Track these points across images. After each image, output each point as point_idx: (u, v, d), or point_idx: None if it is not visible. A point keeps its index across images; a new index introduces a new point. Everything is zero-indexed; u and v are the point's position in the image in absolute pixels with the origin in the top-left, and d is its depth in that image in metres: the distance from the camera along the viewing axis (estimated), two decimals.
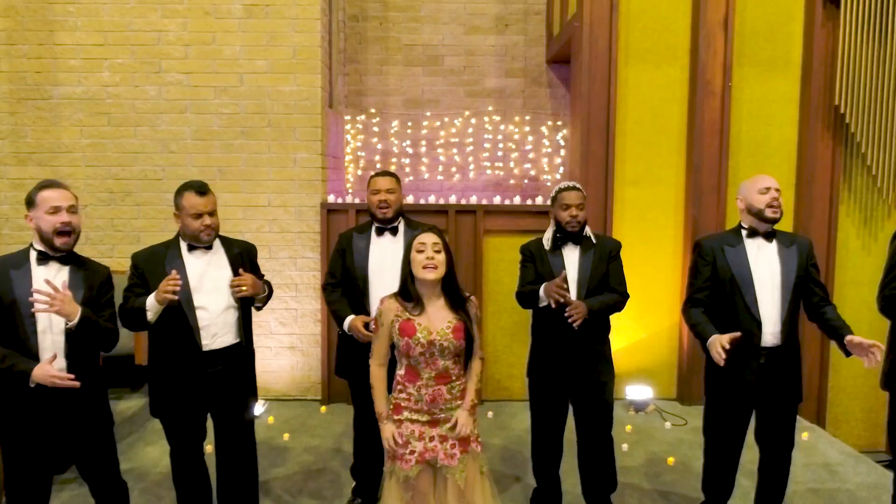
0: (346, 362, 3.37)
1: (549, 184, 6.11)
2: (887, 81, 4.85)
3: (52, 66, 5.01)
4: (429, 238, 2.52)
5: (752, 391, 2.89)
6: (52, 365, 2.40)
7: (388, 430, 2.54)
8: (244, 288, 2.77)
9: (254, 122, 5.09)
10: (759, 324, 2.84)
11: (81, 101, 5.03)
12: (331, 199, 5.24)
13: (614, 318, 3.30)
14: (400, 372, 2.56)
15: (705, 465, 3.13)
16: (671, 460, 4.05)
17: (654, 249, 5.13)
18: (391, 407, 2.59)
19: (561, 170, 6.11)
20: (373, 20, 6.16)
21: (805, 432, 4.57)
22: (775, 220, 2.89)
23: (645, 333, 5.14)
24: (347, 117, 6.08)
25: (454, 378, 2.54)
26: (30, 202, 2.59)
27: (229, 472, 3.01)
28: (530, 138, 6.15)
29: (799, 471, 3.97)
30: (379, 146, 6.15)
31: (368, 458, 3.45)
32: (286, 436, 4.38)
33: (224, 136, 5.09)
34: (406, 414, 2.52)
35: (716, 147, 5.01)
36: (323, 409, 5.03)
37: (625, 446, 4.25)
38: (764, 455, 3.03)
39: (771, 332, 2.86)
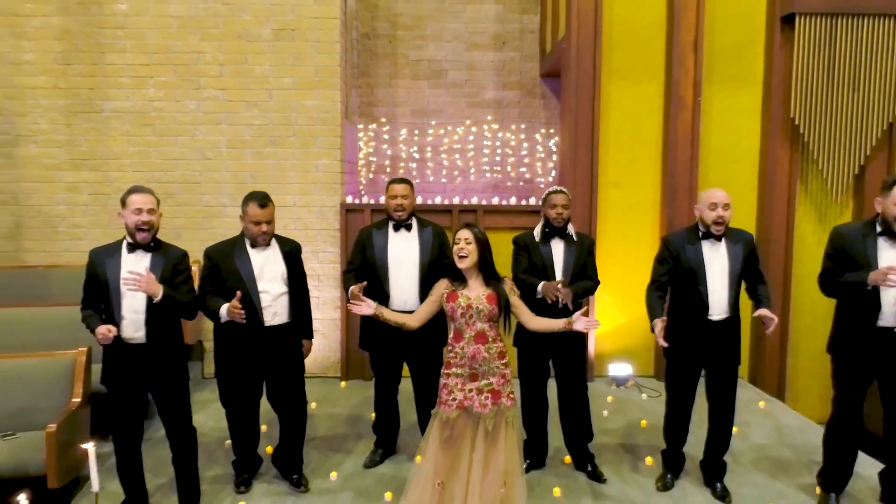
0: (368, 337, 4.03)
1: (542, 186, 6.79)
2: (836, 97, 5.53)
3: (103, 84, 5.69)
4: (463, 234, 3.22)
5: (701, 355, 3.58)
6: (108, 329, 3.05)
7: (379, 309, 3.24)
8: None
9: (280, 132, 5.76)
10: (707, 305, 3.52)
11: (129, 114, 5.71)
12: (348, 200, 5.91)
13: (600, 305, 3.95)
14: (450, 336, 3.25)
15: (666, 416, 3.82)
16: (644, 423, 4.74)
17: (634, 244, 5.80)
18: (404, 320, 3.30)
19: (553, 173, 6.78)
20: (383, 38, 6.83)
21: (762, 402, 5.27)
22: (720, 235, 3.55)
23: (625, 318, 5.82)
24: (360, 126, 6.75)
25: (490, 340, 3.21)
26: (122, 203, 3.26)
27: (287, 423, 3.69)
28: (525, 145, 6.82)
29: (753, 431, 4.67)
30: (389, 152, 6.82)
31: (387, 417, 4.13)
32: (313, 404, 5.06)
33: (254, 145, 5.77)
34: (453, 369, 3.21)
35: (688, 154, 5.69)
36: (343, 384, 5.72)
37: (605, 412, 4.95)
38: (712, 407, 3.71)
39: (718, 311, 3.55)
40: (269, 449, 4.06)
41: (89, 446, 2.72)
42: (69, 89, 5.69)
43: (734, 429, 4.51)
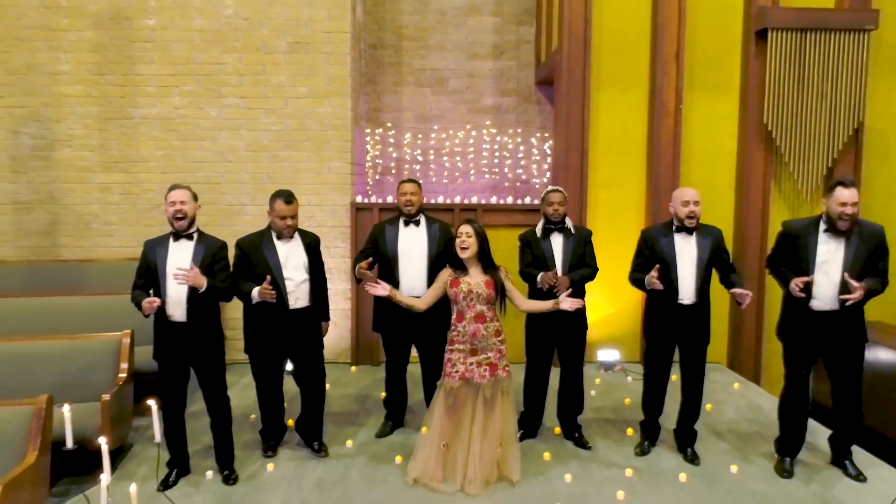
0: (381, 320, 4.52)
1: (537, 186, 7.28)
2: (805, 105, 6.02)
3: (133, 92, 6.18)
4: (464, 228, 3.73)
5: (674, 334, 4.08)
6: (151, 301, 3.55)
7: (392, 292, 3.74)
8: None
9: (296, 137, 6.26)
10: (677, 291, 4.02)
11: (156, 120, 6.21)
12: (358, 199, 6.41)
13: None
14: (453, 317, 3.75)
15: (644, 390, 4.31)
16: (628, 401, 5.24)
17: (622, 240, 6.26)
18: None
19: (547, 174, 7.27)
20: (388, 48, 7.32)
21: (737, 384, 5.77)
22: (692, 228, 4.04)
23: (614, 308, 6.32)
24: (368, 130, 7.24)
25: (488, 320, 3.72)
26: (167, 194, 3.76)
27: (306, 396, 4.18)
28: (521, 148, 7.32)
29: (726, 408, 5.17)
30: (394, 155, 7.31)
31: (396, 392, 4.62)
32: (328, 385, 5.54)
33: (271, 149, 6.26)
34: (456, 346, 3.72)
35: (670, 157, 6.19)
36: (353, 368, 6.22)
37: (593, 392, 5.45)
38: (684, 381, 4.21)
39: (687, 296, 4.04)
40: (291, 422, 4.55)
41: (152, 403, 3.22)
42: (101, 97, 6.19)
43: (708, 406, 5.06)
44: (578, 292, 4.22)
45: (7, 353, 4.19)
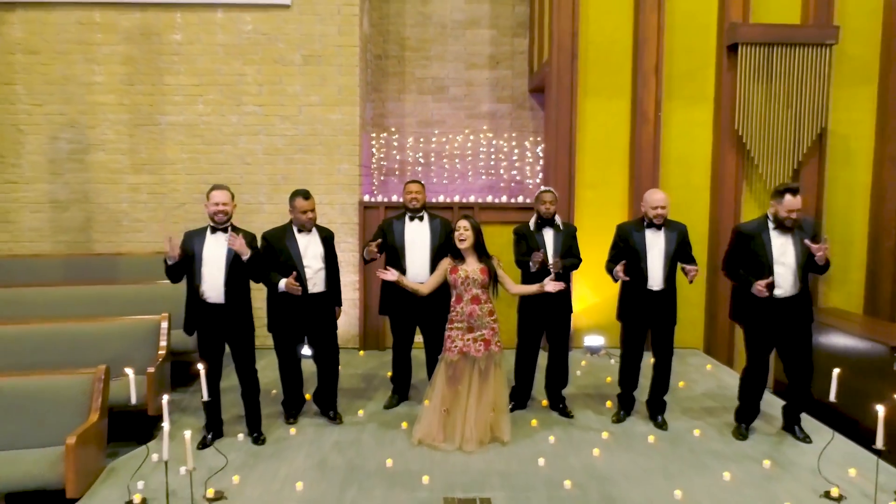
0: (388, 305, 5.11)
1: (530, 186, 7.86)
2: (772, 112, 6.62)
3: (161, 101, 6.78)
4: (462, 223, 4.32)
5: (645, 317, 4.68)
6: (202, 288, 4.18)
7: (400, 278, 4.36)
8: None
9: (309, 141, 6.86)
10: (646, 278, 4.62)
11: (182, 126, 6.80)
12: (365, 198, 7.01)
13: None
14: (452, 300, 4.34)
15: (620, 367, 4.91)
16: (609, 379, 5.83)
17: (606, 237, 6.72)
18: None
19: (539, 176, 7.86)
20: (393, 59, 7.92)
21: (709, 365, 6.37)
22: (661, 224, 4.63)
23: (599, 298, 6.91)
24: (373, 135, 7.83)
25: (483, 302, 4.31)
26: (207, 196, 4.35)
27: (322, 371, 4.78)
28: (516, 151, 7.90)
29: (697, 386, 5.77)
30: (398, 157, 7.90)
31: (401, 369, 5.22)
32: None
33: (286, 152, 6.86)
34: (455, 324, 4.31)
35: (651, 160, 6.79)
36: (361, 353, 6.82)
37: (578, 372, 6.04)
38: (656, 359, 4.80)
39: (656, 283, 4.64)
40: (308, 396, 5.13)
41: (201, 366, 3.84)
42: (132, 105, 6.78)
43: (681, 383, 5.65)
44: (563, 279, 4.81)
45: (63, 333, 4.79)
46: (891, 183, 6.85)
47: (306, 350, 4.97)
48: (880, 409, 3.43)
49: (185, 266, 4.32)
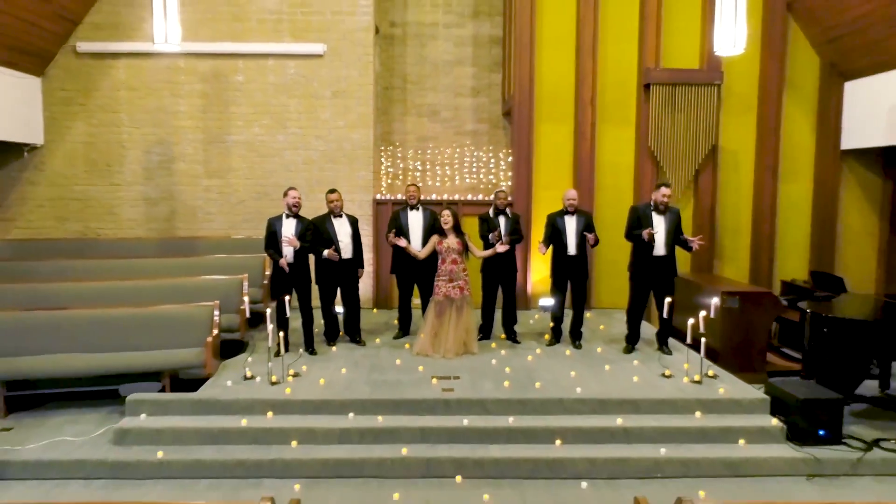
0: (396, 266, 7.49)
1: (503, 187, 10.25)
2: (675, 133, 9.03)
3: (227, 125, 9.19)
4: (445, 212, 6.74)
5: (566, 274, 7.09)
6: (284, 260, 6.57)
7: (407, 246, 6.82)
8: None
9: (335, 155, 9.27)
10: (566, 248, 7.03)
11: (243, 144, 9.22)
12: (377, 197, 9.41)
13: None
14: (439, 262, 6.73)
15: (553, 306, 7.31)
16: (551, 324, 8.23)
17: None
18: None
19: (510, 181, 10.26)
20: (397, 90, 10.31)
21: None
22: (573, 212, 7.03)
23: (548, 272, 9.30)
24: (382, 148, 10.23)
25: (459, 263, 6.71)
26: (284, 195, 6.75)
27: (349, 312, 7.20)
28: (492, 161, 10.30)
29: (613, 330, 8.16)
30: (401, 165, 10.29)
31: (405, 313, 7.62)
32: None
33: (320, 163, 9.27)
34: (441, 277, 6.70)
35: (589, 168, 9.19)
36: (374, 311, 9.23)
37: (531, 321, 8.45)
38: (574, 302, 7.19)
39: (572, 250, 7.04)
40: (341, 333, 7.53)
41: (287, 297, 6.26)
42: (205, 128, 9.20)
43: (601, 326, 8.04)
44: (510, 248, 7.20)
45: (180, 286, 7.18)
46: (767, 185, 9.27)
47: (339, 308, 7.35)
48: (690, 320, 5.85)
49: (272, 243, 6.72)
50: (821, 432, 5.22)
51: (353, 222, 7.19)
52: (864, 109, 8.85)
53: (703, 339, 6.01)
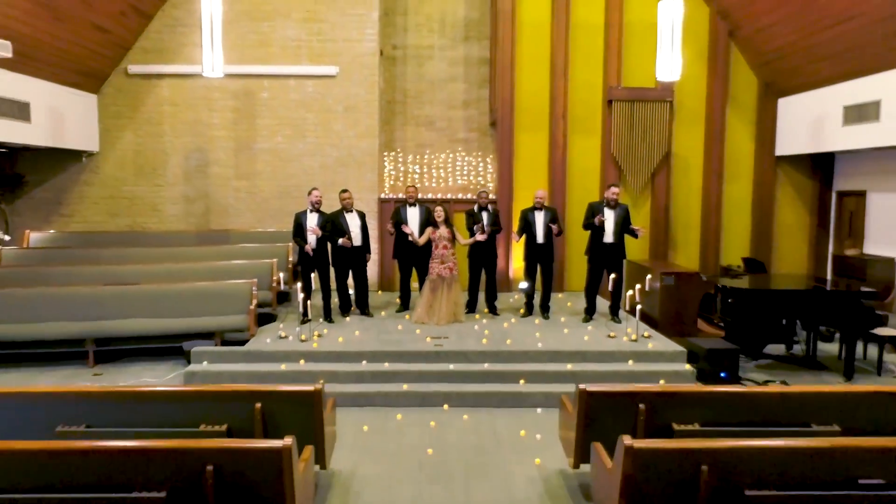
0: (398, 252, 9.14)
1: (490, 187, 11.87)
2: (633, 142, 10.67)
3: (254, 135, 10.84)
4: (437, 208, 8.43)
5: (536, 258, 8.74)
6: (308, 246, 8.22)
7: (413, 235, 8.47)
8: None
9: (347, 160, 10.91)
10: (535, 236, 8.67)
11: (267, 151, 10.86)
12: (381, 196, 11.05)
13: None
14: (433, 248, 8.37)
15: (526, 275, 8.96)
16: (524, 300, 9.88)
17: None
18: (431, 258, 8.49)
19: (495, 182, 11.89)
20: (399, 103, 11.95)
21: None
22: (541, 208, 8.67)
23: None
24: (385, 154, 11.85)
25: (448, 248, 8.35)
26: (308, 193, 8.41)
27: (359, 290, 8.85)
28: (480, 165, 11.93)
29: (576, 306, 9.81)
30: (402, 169, 11.92)
31: (405, 291, 9.27)
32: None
33: (334, 168, 10.92)
34: (434, 260, 8.34)
35: (561, 173, 10.83)
36: (379, 292, 10.88)
37: (511, 300, 10.10)
38: (543, 281, 8.83)
39: (540, 239, 8.68)
40: (353, 308, 9.16)
41: (313, 274, 7.91)
42: (236, 137, 10.84)
43: (569, 303, 9.71)
44: (491, 238, 8.83)
45: (220, 267, 8.83)
46: (713, 186, 10.92)
47: (351, 290, 8.99)
48: (629, 292, 7.49)
49: (299, 233, 8.37)
50: (722, 374, 6.85)
51: (362, 216, 8.83)
52: (794, 122, 10.50)
53: (638, 307, 7.65)
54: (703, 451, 3.62)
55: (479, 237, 8.52)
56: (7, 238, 10.16)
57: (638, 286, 7.79)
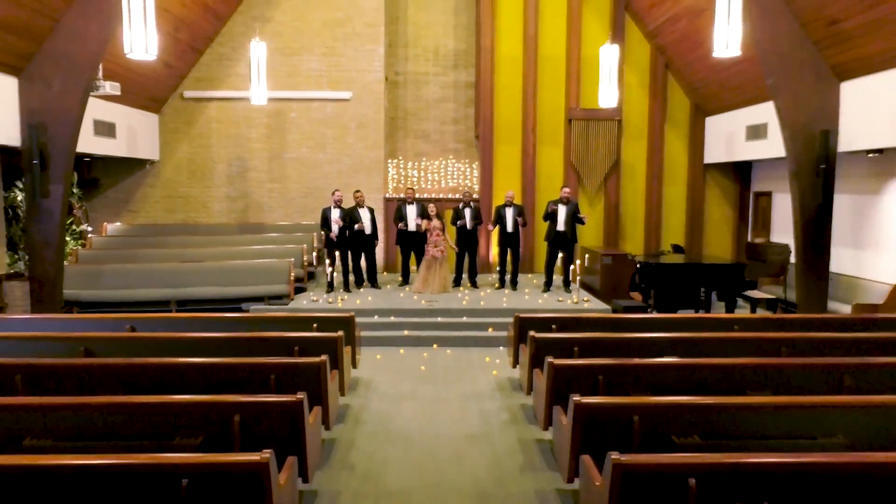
0: (400, 240, 11.77)
1: (477, 189, 14.47)
2: (588, 151, 13.29)
3: (284, 146, 13.47)
4: (430, 206, 11.07)
5: (507, 245, 11.36)
6: (333, 233, 10.84)
7: (423, 223, 11.12)
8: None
9: (359, 167, 13.55)
10: (506, 227, 11.29)
11: (295, 159, 13.50)
12: (386, 196, 13.68)
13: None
14: (429, 235, 10.99)
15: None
16: (498, 276, 12.50)
17: None
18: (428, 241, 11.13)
19: (478, 185, 14.49)
20: (400, 119, 14.56)
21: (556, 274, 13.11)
22: (511, 205, 11.27)
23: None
24: (389, 161, 14.45)
25: (440, 235, 10.98)
26: (332, 193, 11.05)
27: (370, 268, 11.49)
28: (467, 171, 14.53)
29: (540, 283, 12.45)
30: (403, 173, 14.52)
31: (406, 271, 11.89)
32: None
33: (348, 173, 13.55)
34: (430, 244, 10.97)
35: (531, 178, 13.45)
36: (384, 273, 13.51)
37: (490, 278, 12.72)
38: (512, 261, 11.45)
39: (510, 230, 11.30)
40: (366, 283, 11.78)
41: (337, 252, 10.56)
42: (269, 149, 13.47)
43: (535, 281, 12.38)
44: (473, 228, 11.43)
45: (264, 250, 11.45)
46: (654, 188, 13.55)
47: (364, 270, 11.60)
48: (571, 266, 10.13)
49: (326, 224, 10.99)
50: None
51: (371, 211, 11.45)
52: (717, 137, 13.13)
53: (578, 278, 10.27)
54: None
55: (468, 224, 11.19)
56: (90, 229, 12.77)
57: (578, 262, 10.43)
